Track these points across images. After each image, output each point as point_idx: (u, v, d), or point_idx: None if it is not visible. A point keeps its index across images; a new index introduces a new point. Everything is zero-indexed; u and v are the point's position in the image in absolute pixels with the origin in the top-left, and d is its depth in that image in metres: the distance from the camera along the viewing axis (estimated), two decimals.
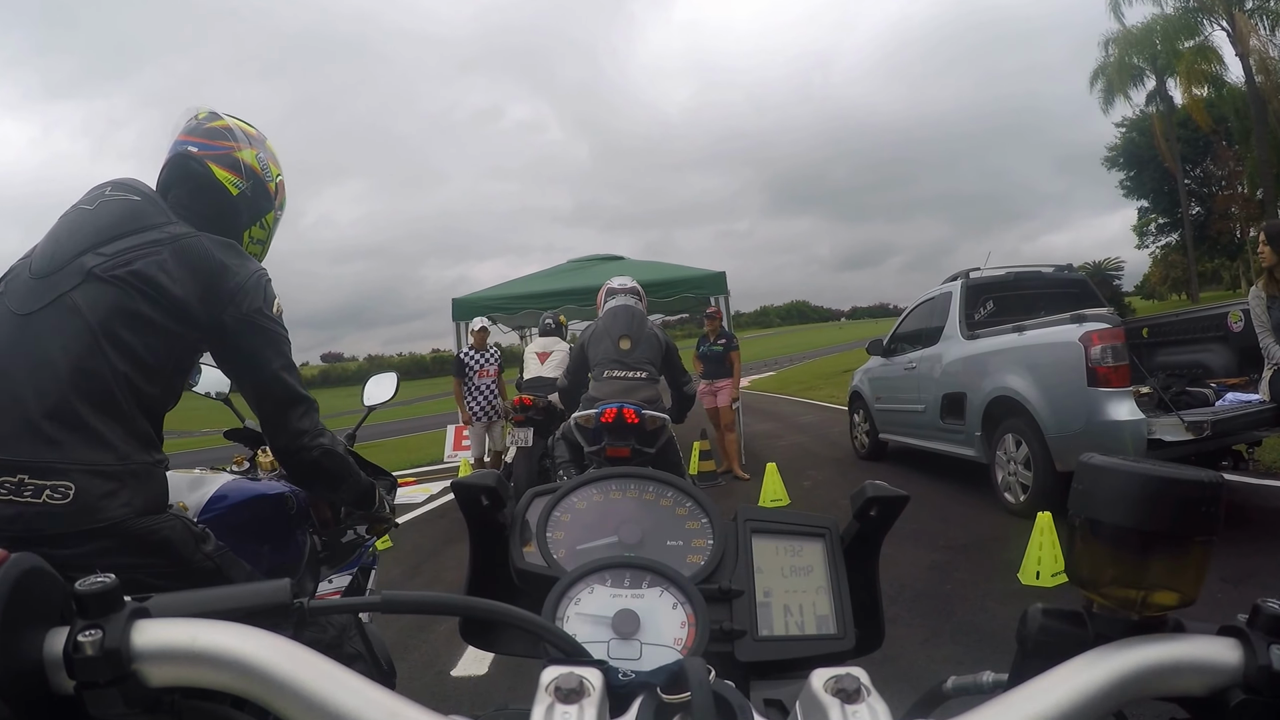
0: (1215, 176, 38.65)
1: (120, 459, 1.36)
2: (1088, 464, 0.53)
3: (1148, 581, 0.50)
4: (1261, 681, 0.47)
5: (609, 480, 0.75)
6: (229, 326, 1.50)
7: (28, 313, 1.37)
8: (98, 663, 0.42)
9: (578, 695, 0.44)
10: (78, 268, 1.39)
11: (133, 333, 1.40)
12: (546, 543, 0.69)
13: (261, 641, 0.45)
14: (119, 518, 1.33)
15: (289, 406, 1.57)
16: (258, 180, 1.69)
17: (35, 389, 1.32)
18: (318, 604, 0.52)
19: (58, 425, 1.31)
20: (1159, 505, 0.49)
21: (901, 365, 7.67)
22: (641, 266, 10.51)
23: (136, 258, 1.42)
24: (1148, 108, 31.27)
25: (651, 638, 0.60)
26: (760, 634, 0.65)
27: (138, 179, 1.59)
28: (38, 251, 1.46)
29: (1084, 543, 0.52)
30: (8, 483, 1.28)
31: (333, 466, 1.66)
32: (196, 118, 1.66)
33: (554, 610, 0.61)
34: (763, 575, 0.68)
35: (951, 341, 6.78)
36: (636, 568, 0.65)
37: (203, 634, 0.44)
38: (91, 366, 1.35)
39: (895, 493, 0.70)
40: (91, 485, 1.31)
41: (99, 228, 1.45)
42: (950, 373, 6.66)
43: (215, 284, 1.48)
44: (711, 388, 8.51)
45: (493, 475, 0.67)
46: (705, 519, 0.72)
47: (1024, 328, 5.79)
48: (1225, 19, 22.75)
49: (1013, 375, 5.68)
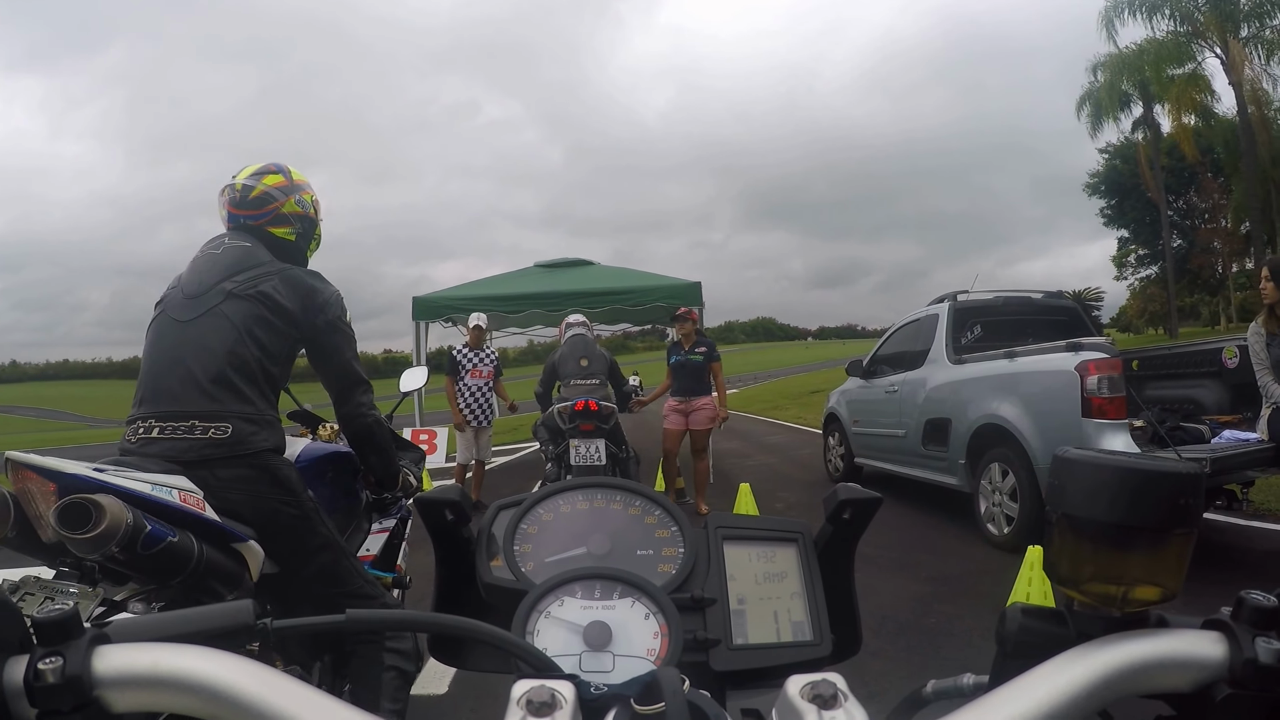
0: (1198, 209, 38.82)
1: (259, 411, 1.97)
2: (1064, 458, 0.51)
3: (1128, 577, 0.49)
4: (1247, 675, 0.46)
5: (575, 491, 0.74)
6: (319, 328, 2.11)
7: (188, 320, 1.99)
8: (59, 690, 0.42)
9: (550, 709, 0.43)
10: (220, 290, 2.00)
11: (261, 330, 2.00)
12: (514, 556, 0.67)
13: (226, 664, 0.44)
14: (260, 448, 1.92)
15: (355, 385, 2.19)
16: (303, 218, 2.29)
17: (201, 366, 1.92)
18: (280, 624, 0.51)
19: (218, 388, 1.91)
20: (1138, 498, 0.48)
21: (882, 388, 7.20)
22: (612, 273, 10.01)
23: (259, 282, 2.03)
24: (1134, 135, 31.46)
25: (624, 649, 0.59)
26: (735, 642, 0.63)
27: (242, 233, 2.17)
28: (184, 280, 2.07)
29: (1062, 539, 0.51)
30: (184, 425, 1.87)
31: (380, 434, 2.28)
32: (236, 189, 2.19)
33: (524, 624, 0.59)
34: (736, 582, 0.67)
35: (937, 365, 6.34)
36: (607, 578, 0.63)
37: (165, 658, 0.44)
38: (238, 351, 1.95)
39: (868, 495, 0.68)
40: (242, 426, 1.91)
41: (228, 264, 2.05)
42: (935, 398, 6.21)
43: (309, 300, 2.09)
44: (685, 406, 6.76)
45: (455, 489, 0.67)
46: (675, 527, 0.71)
47: (1016, 354, 5.38)
48: (1219, 46, 22.58)
49: (1002, 402, 5.28)
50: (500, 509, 0.71)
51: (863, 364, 7.80)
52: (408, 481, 2.57)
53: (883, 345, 7.75)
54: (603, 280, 9.51)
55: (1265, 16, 22.21)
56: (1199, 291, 39.94)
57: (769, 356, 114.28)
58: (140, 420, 1.93)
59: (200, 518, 1.73)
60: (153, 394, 1.96)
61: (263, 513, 1.92)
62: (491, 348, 7.94)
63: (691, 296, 8.82)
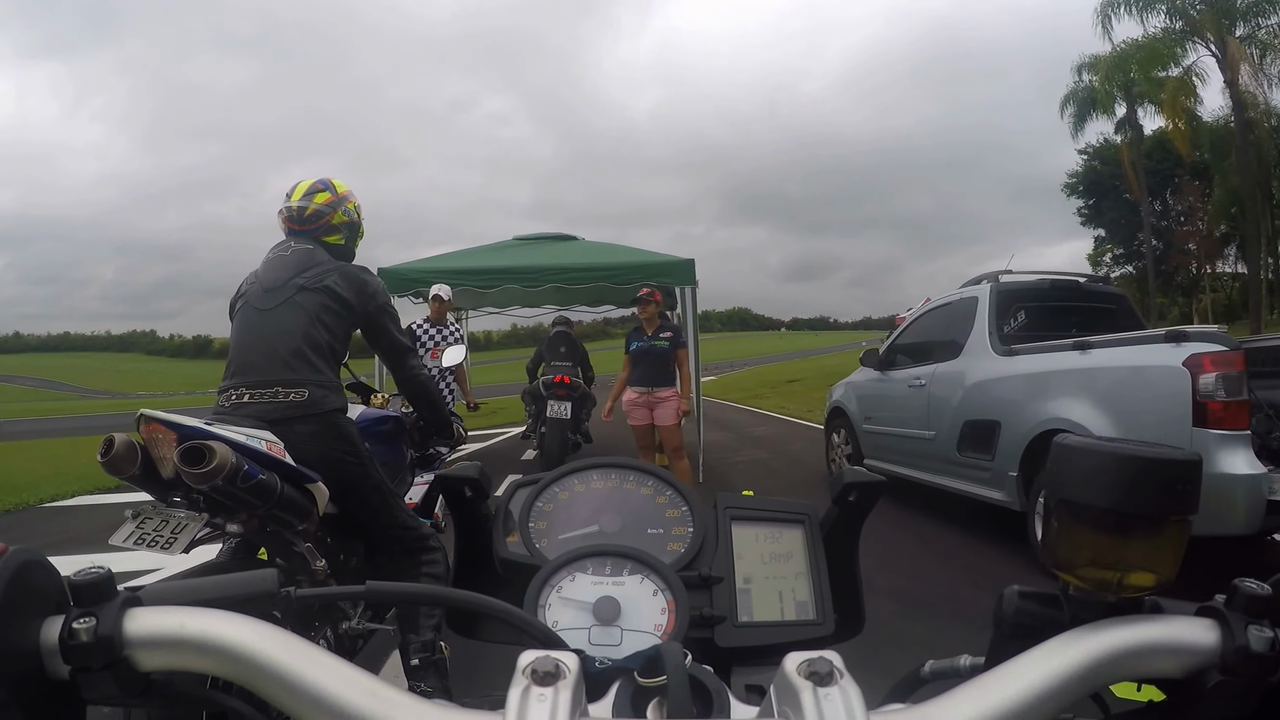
0: (1174, 211, 38.86)
1: (328, 380, 2.43)
2: (1062, 445, 0.51)
3: (1124, 563, 0.49)
4: (1239, 662, 0.47)
5: (590, 470, 0.76)
6: (371, 313, 2.62)
7: (268, 308, 2.45)
8: (91, 649, 0.44)
9: (554, 678, 0.43)
10: (293, 285, 2.47)
11: (327, 316, 2.48)
12: (529, 532, 0.70)
13: (247, 628, 0.46)
14: (329, 408, 2.37)
15: (405, 353, 2.75)
16: (350, 224, 2.75)
17: (282, 344, 2.38)
18: (302, 593, 0.54)
19: (296, 360, 2.37)
20: (1135, 485, 0.47)
21: (904, 381, 6.29)
22: (596, 248, 8.98)
23: (323, 278, 2.50)
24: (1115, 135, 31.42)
25: (632, 624, 0.60)
26: (740, 620, 0.65)
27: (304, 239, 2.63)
28: (261, 276, 2.54)
29: (1059, 524, 0.51)
30: (269, 391, 2.32)
31: (431, 388, 2.85)
32: (292, 210, 2.65)
33: (536, 598, 0.61)
34: (743, 562, 0.69)
35: (978, 357, 5.44)
36: (617, 555, 0.64)
37: (191, 621, 0.46)
38: (310, 332, 2.42)
39: (873, 478, 0.70)
40: (316, 391, 2.35)
41: (297, 264, 2.52)
42: (976, 395, 5.30)
43: (362, 290, 2.58)
44: (647, 399, 6.14)
45: (475, 467, 0.69)
46: (685, 507, 0.73)
47: (1088, 344, 4.49)
48: (1216, 44, 22.03)
49: (1072, 404, 4.38)
50: (518, 487, 0.74)
51: (879, 353, 6.88)
52: (458, 431, 3.10)
53: (903, 333, 6.82)
54: (586, 256, 8.45)
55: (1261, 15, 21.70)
56: (1172, 292, 39.94)
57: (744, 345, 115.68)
58: (232, 389, 2.36)
59: (281, 462, 2.10)
60: (241, 367, 2.38)
61: (329, 461, 2.30)
62: (455, 324, 7.02)
63: (683, 274, 7.80)
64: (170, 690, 0.48)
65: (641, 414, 6.19)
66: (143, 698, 0.46)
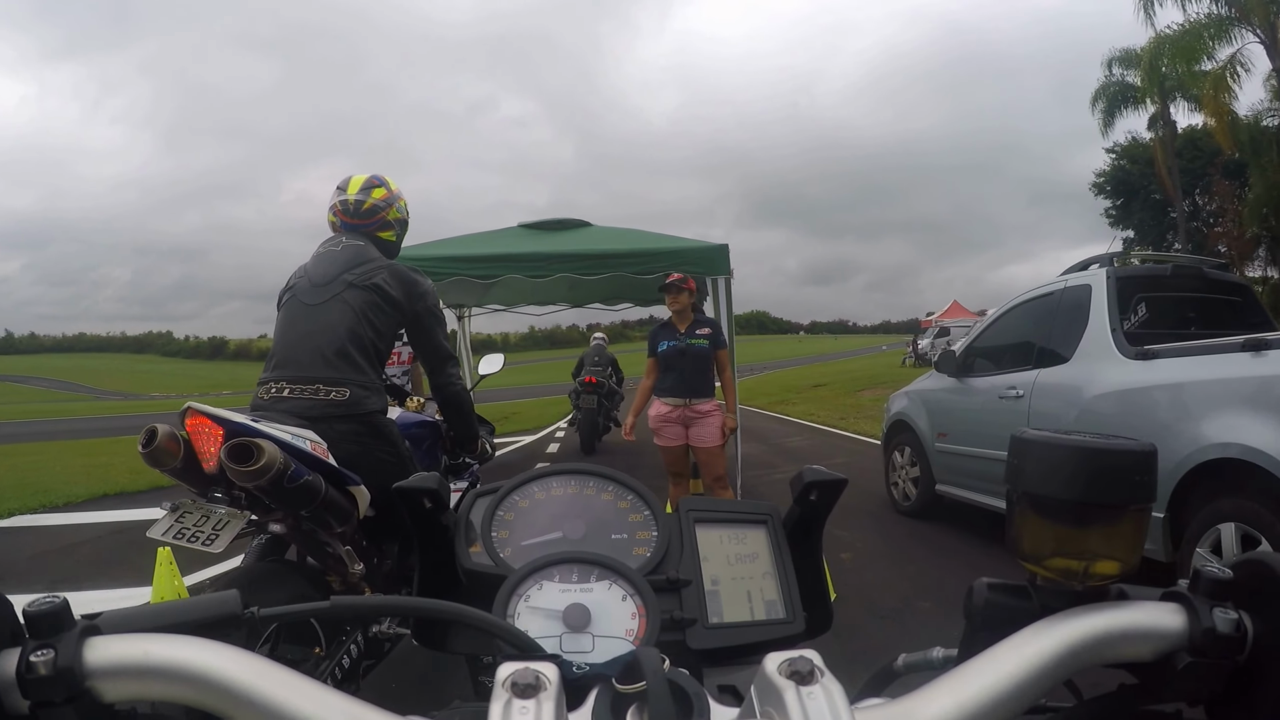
0: (1205, 212, 37.75)
1: (370, 380, 2.39)
2: (1020, 438, 0.53)
3: (1088, 552, 0.51)
4: (1206, 643, 0.49)
5: (549, 478, 0.76)
6: (419, 314, 2.58)
7: (315, 304, 2.42)
8: (51, 682, 0.43)
9: (534, 690, 0.43)
10: (342, 281, 2.44)
11: (374, 314, 2.44)
12: (492, 542, 0.69)
13: (215, 653, 0.45)
14: (370, 409, 2.34)
15: (446, 360, 2.68)
16: (401, 222, 2.79)
17: (327, 341, 2.35)
18: (267, 612, 0.53)
19: (340, 359, 2.33)
20: (1095, 477, 0.49)
21: (992, 391, 5.17)
22: (613, 234, 7.81)
23: (373, 275, 2.48)
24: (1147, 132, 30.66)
25: (603, 630, 0.60)
26: (711, 621, 0.66)
27: (354, 233, 2.65)
28: (310, 270, 2.52)
29: (1022, 517, 0.53)
30: (310, 389, 2.29)
31: (465, 400, 2.78)
32: (349, 203, 2.65)
33: (505, 607, 0.61)
34: (709, 564, 0.69)
35: (1098, 361, 4.33)
36: (584, 562, 0.65)
37: (155, 648, 0.45)
38: (357, 330, 2.39)
39: (834, 476, 0.71)
40: (357, 391, 2.32)
41: (347, 260, 2.51)
42: (1099, 411, 4.18)
43: (411, 290, 2.55)
44: (682, 413, 4.80)
45: (434, 478, 0.68)
46: (648, 511, 0.73)
47: (1266, 343, 3.39)
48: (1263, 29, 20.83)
49: (1252, 425, 3.28)
50: (477, 497, 0.73)
51: (955, 355, 5.77)
52: (484, 447, 3.08)
53: (986, 331, 5.70)
54: (600, 242, 7.30)
55: None
56: None
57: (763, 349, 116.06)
58: (273, 382, 2.34)
59: (325, 463, 2.09)
60: (284, 361, 2.38)
61: (370, 462, 2.29)
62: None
63: (716, 263, 6.67)
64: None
65: (673, 432, 4.87)
66: None
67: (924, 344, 42.34)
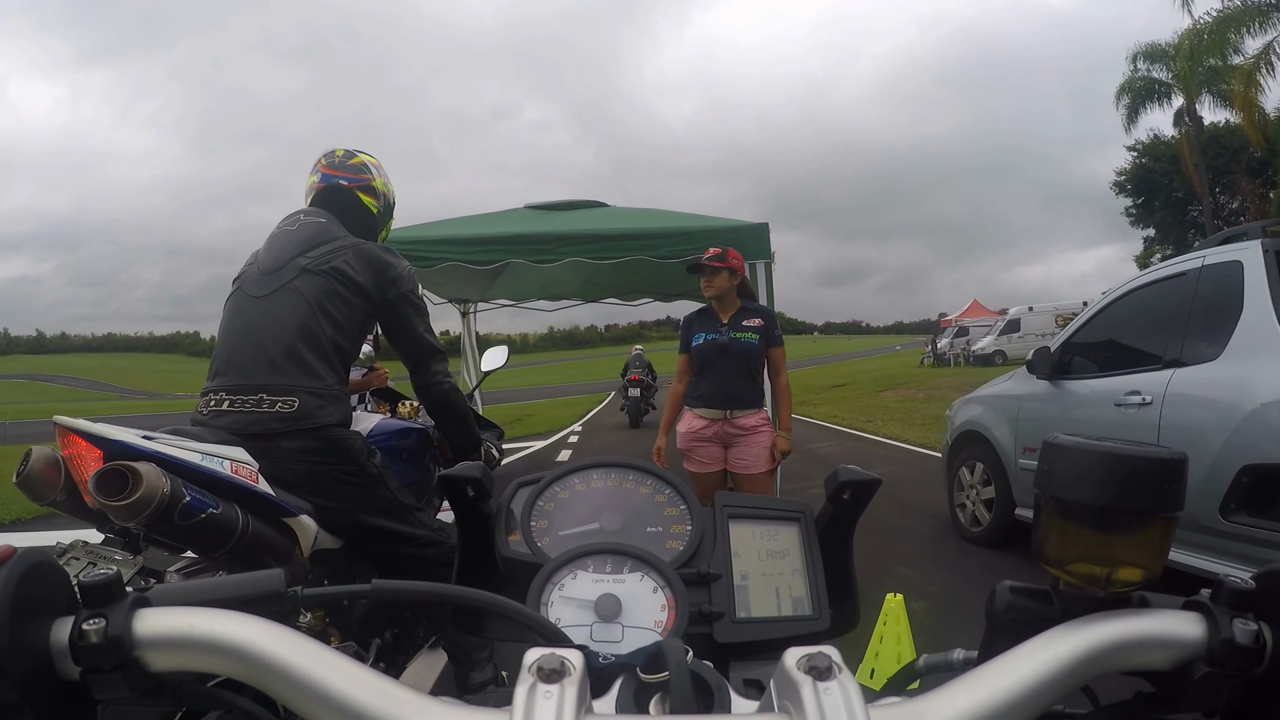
0: (1227, 210, 36.94)
1: (326, 386, 1.98)
2: (1052, 444, 0.51)
3: (1112, 558, 0.49)
4: (1224, 654, 0.47)
5: (590, 470, 0.76)
6: (392, 302, 2.14)
7: (262, 295, 2.03)
8: (101, 650, 0.43)
9: (559, 675, 0.43)
10: (295, 266, 2.05)
11: (333, 306, 2.03)
12: (530, 531, 0.70)
13: (255, 628, 0.45)
14: (324, 422, 1.93)
15: (429, 355, 2.23)
16: (386, 199, 2.41)
17: (273, 340, 1.96)
18: (310, 592, 0.54)
19: (288, 362, 1.95)
20: (1124, 483, 0.48)
21: (1105, 396, 4.20)
22: (632, 214, 6.83)
23: (333, 257, 2.06)
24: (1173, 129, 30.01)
25: (633, 620, 0.60)
26: (738, 616, 0.66)
27: (317, 209, 2.22)
28: (261, 257, 2.13)
29: (1049, 521, 0.51)
30: (251, 399, 1.91)
31: (457, 401, 2.29)
32: (336, 155, 2.32)
33: (539, 596, 0.61)
34: (740, 559, 0.69)
35: (1261, 358, 3.36)
36: (618, 553, 0.65)
37: (200, 621, 0.45)
38: (309, 325, 1.99)
39: (868, 476, 0.70)
40: (309, 400, 1.93)
41: (303, 240, 2.10)
42: (1266, 423, 3.21)
43: (382, 274, 2.11)
44: (721, 429, 3.69)
45: (478, 467, 0.67)
46: (683, 505, 0.73)
47: None
48: None
49: None
50: (520, 486, 0.74)
51: (1050, 352, 4.79)
52: (490, 453, 2.61)
53: (1091, 322, 4.71)
54: (617, 221, 6.30)
55: None
56: None
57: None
58: (213, 393, 1.99)
59: (251, 490, 1.72)
60: (225, 367, 2.01)
61: (322, 483, 1.94)
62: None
63: (754, 246, 5.62)
64: (181, 690, 0.48)
65: (710, 454, 3.72)
66: (153, 698, 0.46)
67: (943, 344, 41.53)
